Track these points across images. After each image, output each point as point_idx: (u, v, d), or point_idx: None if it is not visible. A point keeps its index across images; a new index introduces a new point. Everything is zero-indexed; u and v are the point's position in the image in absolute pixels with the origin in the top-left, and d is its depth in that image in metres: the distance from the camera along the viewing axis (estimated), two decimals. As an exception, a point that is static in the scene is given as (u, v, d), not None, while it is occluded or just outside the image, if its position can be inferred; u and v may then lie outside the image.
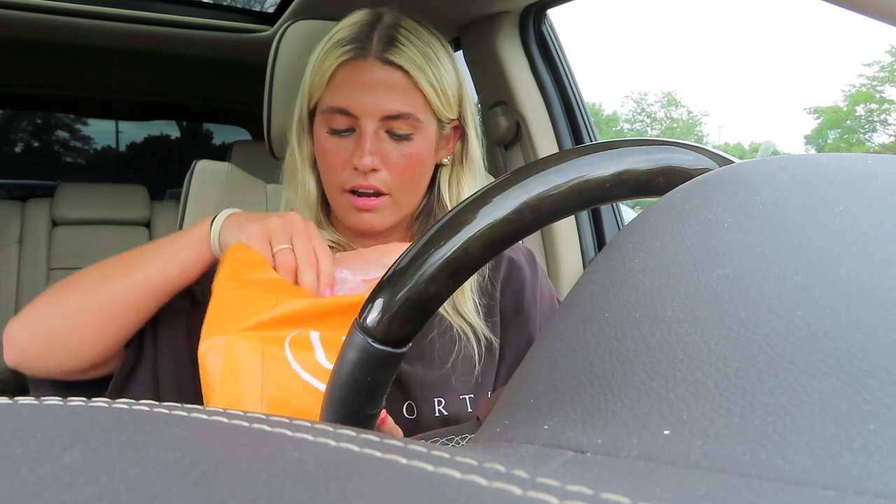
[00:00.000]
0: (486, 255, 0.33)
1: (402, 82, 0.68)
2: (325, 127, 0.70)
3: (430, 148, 0.72)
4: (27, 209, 2.03)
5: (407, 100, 0.68)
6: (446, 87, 0.70)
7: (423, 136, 0.70)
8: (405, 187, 0.71)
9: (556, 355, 0.18)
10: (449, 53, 0.72)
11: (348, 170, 0.69)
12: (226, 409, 0.14)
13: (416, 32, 0.70)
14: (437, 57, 0.70)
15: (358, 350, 0.34)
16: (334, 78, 0.69)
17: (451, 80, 0.71)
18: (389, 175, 0.69)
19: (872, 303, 0.14)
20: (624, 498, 0.10)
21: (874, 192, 0.18)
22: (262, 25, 1.63)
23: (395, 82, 0.68)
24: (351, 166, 0.69)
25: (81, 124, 3.06)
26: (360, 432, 0.13)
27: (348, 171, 0.69)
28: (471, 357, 0.73)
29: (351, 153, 0.69)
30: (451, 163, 0.77)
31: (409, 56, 0.68)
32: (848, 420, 0.11)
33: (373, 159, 0.67)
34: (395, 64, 0.68)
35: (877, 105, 25.52)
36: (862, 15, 0.48)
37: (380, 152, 0.68)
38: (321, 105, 0.70)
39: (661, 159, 0.31)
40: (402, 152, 0.69)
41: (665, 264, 0.18)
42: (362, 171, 0.68)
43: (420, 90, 0.69)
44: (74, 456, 0.11)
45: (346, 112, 0.68)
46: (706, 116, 39.31)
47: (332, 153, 0.70)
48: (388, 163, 0.69)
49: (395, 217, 0.72)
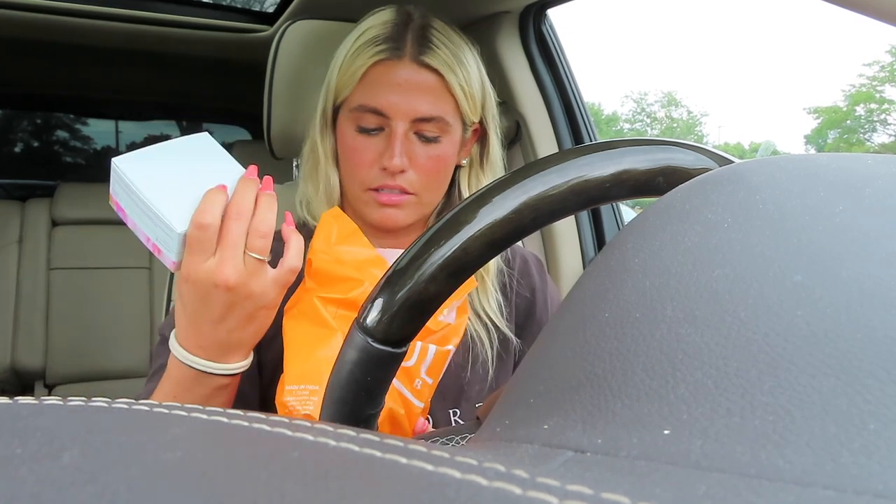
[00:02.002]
0: (486, 255, 0.33)
1: (435, 85, 0.69)
2: (353, 125, 0.70)
3: (455, 150, 0.72)
4: (27, 209, 2.03)
5: (439, 103, 0.69)
6: (474, 91, 0.71)
7: (450, 138, 0.71)
8: (430, 188, 0.71)
9: (556, 355, 0.18)
10: (475, 56, 0.73)
11: (375, 169, 0.69)
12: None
13: (447, 34, 0.71)
14: (465, 60, 0.70)
15: (358, 350, 0.34)
16: (367, 76, 0.69)
17: (477, 83, 0.72)
18: (416, 176, 0.69)
19: (872, 303, 0.14)
20: (624, 498, 0.10)
21: (874, 192, 0.18)
22: (262, 25, 1.63)
23: (429, 85, 0.68)
24: (379, 166, 0.69)
25: (81, 124, 3.05)
26: (360, 432, 0.13)
27: (375, 171, 0.69)
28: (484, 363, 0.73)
29: (380, 153, 0.69)
30: (469, 164, 0.77)
31: (443, 58, 0.69)
32: (848, 420, 0.11)
33: (402, 160, 0.68)
34: (430, 66, 0.68)
35: (877, 105, 25.52)
36: (862, 15, 0.48)
37: (408, 153, 0.69)
38: (350, 103, 0.70)
39: (661, 159, 0.31)
40: (430, 154, 0.70)
41: (665, 264, 0.18)
42: (391, 172, 0.68)
43: (452, 94, 0.69)
44: (74, 456, 0.11)
45: (377, 112, 0.68)
46: (706, 116, 39.31)
47: (359, 152, 0.70)
48: (416, 164, 0.69)
49: (416, 215, 0.72)
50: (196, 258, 0.51)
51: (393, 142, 0.68)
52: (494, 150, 0.77)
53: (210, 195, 0.52)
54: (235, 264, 0.51)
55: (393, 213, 0.70)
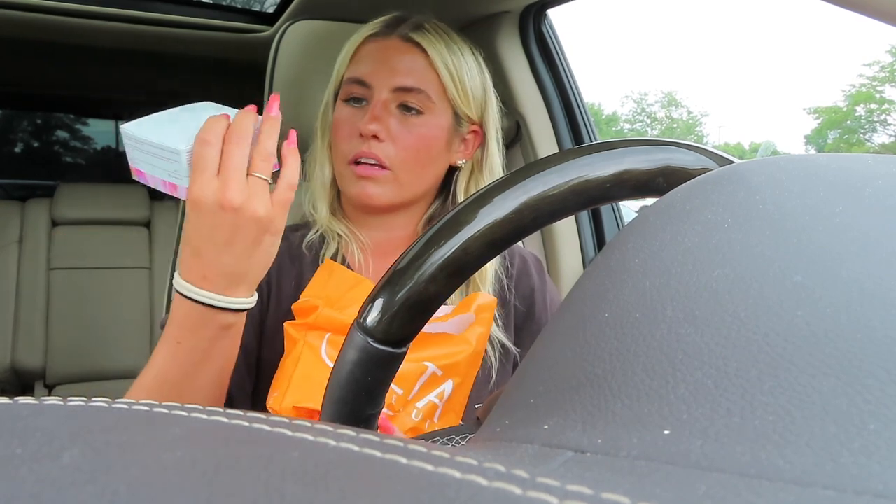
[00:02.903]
0: (486, 255, 0.33)
1: (419, 60, 0.71)
2: (343, 98, 0.73)
3: (440, 133, 0.73)
4: (27, 209, 2.03)
5: (421, 76, 0.71)
6: (465, 81, 0.72)
7: (433, 117, 0.71)
8: (407, 166, 0.71)
9: (556, 355, 0.18)
10: (477, 60, 0.75)
11: (354, 138, 0.70)
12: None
13: (447, 31, 0.74)
14: (461, 53, 0.73)
15: (358, 350, 0.34)
16: (358, 52, 0.73)
17: (475, 82, 0.74)
18: (394, 149, 0.70)
19: (872, 303, 0.14)
20: (624, 498, 0.10)
21: (874, 192, 0.18)
22: (262, 25, 1.62)
23: (413, 58, 0.71)
24: (357, 133, 0.70)
25: (81, 124, 3.06)
26: (360, 432, 0.13)
27: (354, 140, 0.70)
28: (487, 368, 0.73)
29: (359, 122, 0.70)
30: (469, 168, 0.78)
31: (430, 39, 0.71)
32: (848, 420, 0.11)
33: (377, 126, 0.69)
34: (416, 42, 0.71)
35: (877, 105, 25.52)
36: (862, 15, 0.48)
37: (387, 124, 0.70)
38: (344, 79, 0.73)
39: (661, 159, 0.31)
40: (409, 128, 0.70)
41: (665, 264, 0.18)
42: (365, 137, 0.69)
43: (436, 72, 0.71)
44: (74, 456, 0.11)
45: (361, 82, 0.71)
46: (706, 116, 39.31)
47: (342, 123, 0.72)
48: (393, 136, 0.70)
49: (394, 194, 0.72)
50: (201, 177, 0.51)
51: (372, 108, 0.70)
52: (494, 157, 0.78)
53: (211, 119, 0.54)
54: (239, 185, 0.51)
55: (369, 186, 0.71)
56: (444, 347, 0.66)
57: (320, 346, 0.64)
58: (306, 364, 0.63)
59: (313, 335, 0.65)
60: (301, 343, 0.65)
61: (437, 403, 0.66)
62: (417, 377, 0.65)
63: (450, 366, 0.66)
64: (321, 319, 0.64)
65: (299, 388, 0.62)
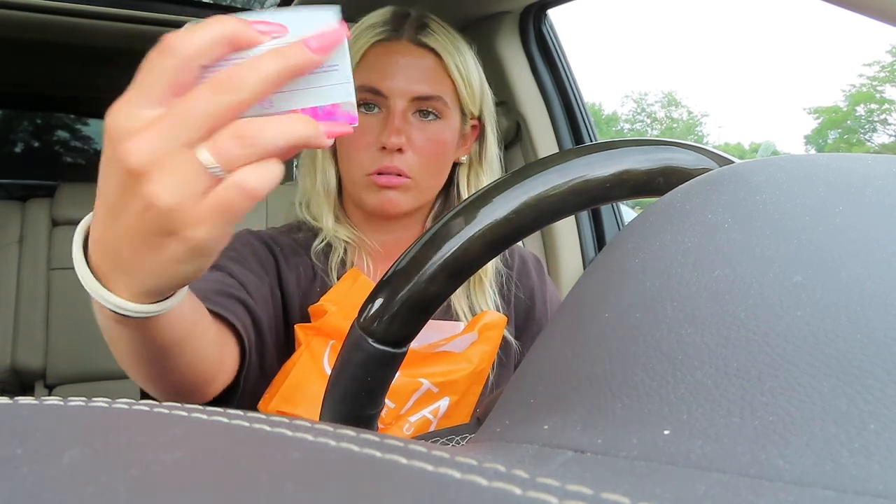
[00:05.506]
0: (486, 255, 0.33)
1: (433, 65, 0.70)
2: None
3: (453, 137, 0.72)
4: (27, 209, 2.03)
5: (437, 83, 0.70)
6: (471, 80, 0.72)
7: (448, 122, 0.71)
8: (428, 172, 0.71)
9: (556, 355, 0.18)
10: (472, 54, 0.74)
11: (373, 150, 0.69)
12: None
13: (445, 26, 0.72)
14: (462, 49, 0.72)
15: (358, 350, 0.34)
16: (366, 58, 0.70)
17: (475, 77, 0.73)
18: (415, 158, 0.69)
19: (872, 303, 0.14)
20: (624, 498, 0.10)
21: (874, 192, 0.18)
22: (263, 25, 1.62)
23: (427, 65, 0.69)
24: (377, 146, 0.68)
25: (81, 124, 3.05)
26: (360, 432, 0.13)
27: (373, 152, 0.69)
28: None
29: (377, 133, 0.68)
30: (468, 162, 0.77)
31: (441, 41, 0.70)
32: (848, 420, 0.11)
33: (400, 138, 0.67)
34: (428, 46, 0.69)
35: (877, 105, 25.51)
36: (862, 15, 0.48)
37: (409, 135, 0.69)
38: None
39: (661, 159, 0.31)
40: (428, 136, 0.69)
41: (665, 264, 0.18)
42: (389, 150, 0.68)
43: (449, 76, 0.70)
44: (74, 456, 0.11)
45: (375, 91, 0.68)
46: (706, 116, 39.28)
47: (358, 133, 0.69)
48: (414, 145, 0.69)
49: (415, 201, 0.72)
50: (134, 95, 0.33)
51: (391, 120, 0.68)
52: (492, 149, 0.77)
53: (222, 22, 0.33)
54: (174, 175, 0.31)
55: (393, 195, 0.69)
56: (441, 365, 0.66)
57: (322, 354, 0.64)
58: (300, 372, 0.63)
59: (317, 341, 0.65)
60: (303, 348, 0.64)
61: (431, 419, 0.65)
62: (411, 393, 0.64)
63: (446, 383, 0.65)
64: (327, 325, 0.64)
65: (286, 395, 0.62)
